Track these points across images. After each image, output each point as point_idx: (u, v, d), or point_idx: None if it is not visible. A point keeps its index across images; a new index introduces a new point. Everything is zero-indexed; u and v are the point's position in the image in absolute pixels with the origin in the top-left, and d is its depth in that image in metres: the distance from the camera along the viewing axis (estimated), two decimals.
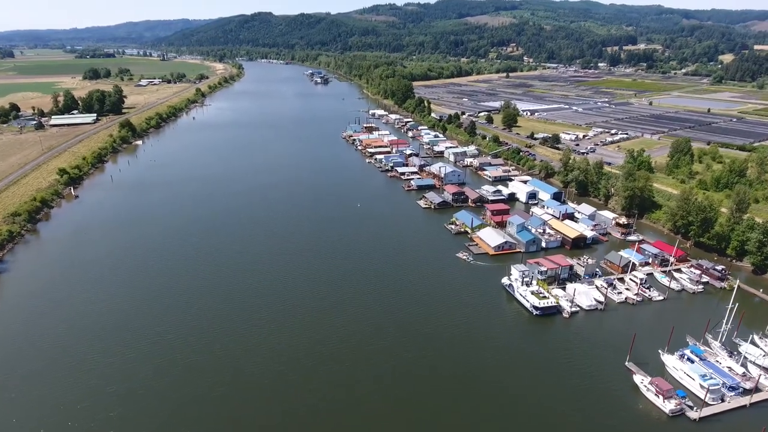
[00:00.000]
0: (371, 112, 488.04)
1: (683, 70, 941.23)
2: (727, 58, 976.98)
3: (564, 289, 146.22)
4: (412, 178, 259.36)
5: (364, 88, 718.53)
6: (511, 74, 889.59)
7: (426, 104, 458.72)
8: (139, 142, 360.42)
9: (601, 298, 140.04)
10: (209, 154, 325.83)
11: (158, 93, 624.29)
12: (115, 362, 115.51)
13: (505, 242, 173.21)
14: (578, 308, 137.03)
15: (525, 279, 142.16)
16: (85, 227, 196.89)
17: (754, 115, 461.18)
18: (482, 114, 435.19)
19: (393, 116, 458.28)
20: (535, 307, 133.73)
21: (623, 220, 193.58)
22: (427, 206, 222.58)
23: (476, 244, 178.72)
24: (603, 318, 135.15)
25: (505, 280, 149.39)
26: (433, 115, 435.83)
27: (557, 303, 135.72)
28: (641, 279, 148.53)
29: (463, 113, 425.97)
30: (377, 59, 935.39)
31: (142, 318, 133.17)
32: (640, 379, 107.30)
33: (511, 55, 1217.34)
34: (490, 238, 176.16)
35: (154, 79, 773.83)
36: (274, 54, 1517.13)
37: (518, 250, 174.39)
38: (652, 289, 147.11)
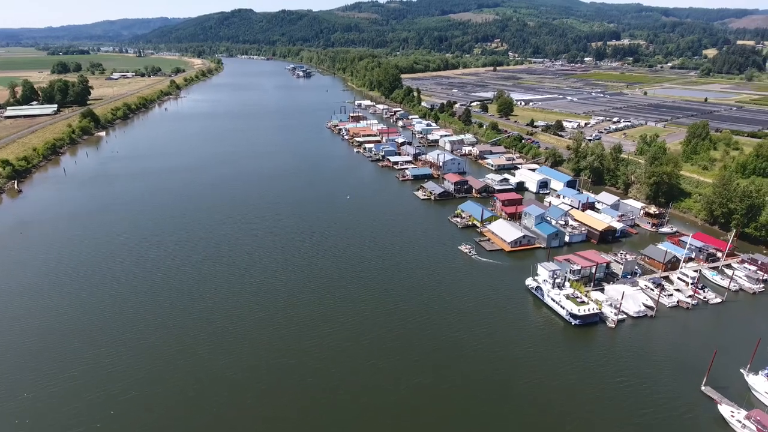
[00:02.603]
0: (357, 102, 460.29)
1: (669, 64, 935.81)
2: (711, 52, 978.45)
3: (602, 291, 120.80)
4: (407, 168, 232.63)
5: (348, 80, 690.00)
6: (498, 68, 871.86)
7: (416, 93, 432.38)
8: (103, 134, 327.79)
9: (651, 303, 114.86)
10: (181, 145, 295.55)
11: (130, 86, 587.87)
12: (29, 398, 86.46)
13: (523, 236, 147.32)
14: (624, 315, 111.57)
15: (556, 280, 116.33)
16: (23, 226, 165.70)
17: (751, 104, 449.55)
18: (475, 103, 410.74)
19: (380, 106, 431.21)
20: (573, 315, 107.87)
21: (653, 209, 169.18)
22: (426, 197, 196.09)
23: (488, 239, 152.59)
24: (656, 327, 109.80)
25: (529, 282, 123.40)
26: (423, 104, 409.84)
27: (600, 309, 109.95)
28: (693, 278, 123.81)
29: (454, 103, 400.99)
30: (362, 54, 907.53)
31: (75, 338, 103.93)
32: (729, 411, 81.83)
33: (496, 51, 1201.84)
34: (505, 231, 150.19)
35: (127, 72, 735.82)
36: (254, 50, 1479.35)
37: (538, 245, 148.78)
38: (706, 289, 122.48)
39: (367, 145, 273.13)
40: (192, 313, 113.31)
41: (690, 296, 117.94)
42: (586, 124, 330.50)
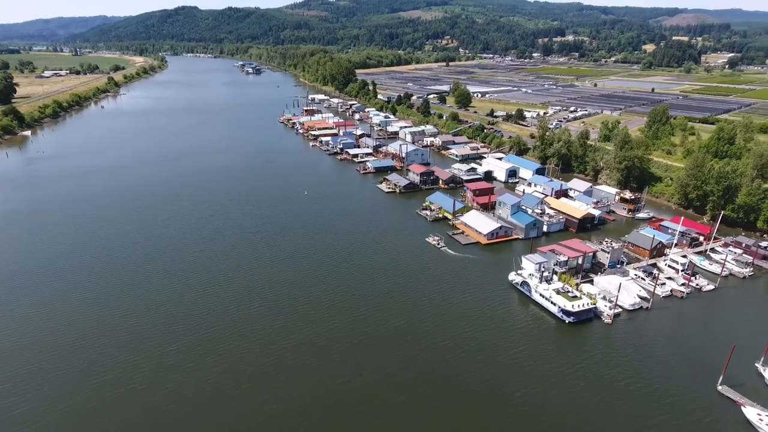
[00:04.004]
0: (311, 97, 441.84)
1: (613, 58, 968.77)
2: (650, 47, 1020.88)
3: (591, 283, 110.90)
4: (368, 160, 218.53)
5: (300, 76, 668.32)
6: (450, 63, 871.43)
7: (371, 86, 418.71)
8: (28, 133, 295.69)
9: (644, 293, 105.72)
10: (118, 144, 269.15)
11: (63, 84, 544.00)
12: None
13: (500, 227, 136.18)
14: (619, 309, 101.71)
15: (544, 273, 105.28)
16: None
17: (694, 93, 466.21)
18: (432, 96, 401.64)
19: (335, 100, 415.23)
20: (567, 312, 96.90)
21: (628, 194, 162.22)
22: (390, 190, 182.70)
23: (462, 232, 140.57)
24: (654, 320, 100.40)
25: (513, 277, 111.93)
26: (380, 97, 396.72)
27: (595, 304, 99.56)
28: (684, 264, 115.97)
29: (411, 95, 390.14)
30: (313, 50, 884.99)
31: None
32: (756, 414, 72.36)
33: (447, 47, 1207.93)
34: (480, 223, 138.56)
35: (61, 70, 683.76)
36: (201, 48, 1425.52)
37: (516, 236, 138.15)
38: (698, 276, 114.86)
39: (324, 139, 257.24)
40: (119, 331, 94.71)
41: (683, 284, 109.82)
42: (544, 113, 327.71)
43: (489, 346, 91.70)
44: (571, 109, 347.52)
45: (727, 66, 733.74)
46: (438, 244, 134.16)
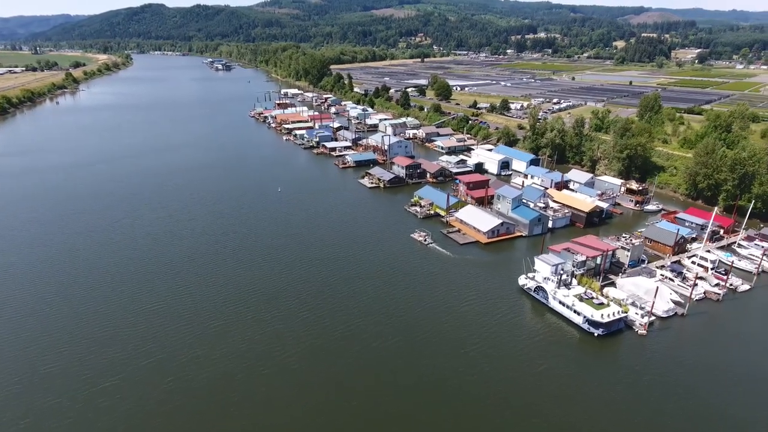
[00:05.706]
0: (283, 91, 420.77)
1: (585, 54, 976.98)
2: (620, 44, 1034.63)
3: (614, 286, 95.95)
4: (347, 154, 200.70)
5: (272, 72, 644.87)
6: (425, 59, 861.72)
7: (347, 80, 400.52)
8: None
9: (677, 297, 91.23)
10: (73, 141, 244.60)
11: (17, 80, 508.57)
12: None
13: (501, 224, 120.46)
14: (652, 316, 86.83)
15: (562, 277, 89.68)
16: None
17: (671, 86, 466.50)
18: (411, 89, 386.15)
19: (309, 94, 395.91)
20: (594, 323, 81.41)
21: (635, 185, 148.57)
22: (374, 185, 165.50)
23: (458, 230, 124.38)
24: (693, 329, 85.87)
25: (524, 281, 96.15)
26: (356, 90, 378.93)
27: (626, 312, 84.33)
28: (714, 262, 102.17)
29: (389, 88, 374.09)
30: (285, 45, 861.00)
31: None
32: None
33: (421, 44, 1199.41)
34: (479, 219, 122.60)
35: (16, 67, 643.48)
36: (169, 46, 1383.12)
37: (519, 233, 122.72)
38: (730, 275, 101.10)
39: (299, 132, 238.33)
40: (43, 364, 75.29)
41: (716, 285, 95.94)
42: (528, 105, 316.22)
43: (503, 365, 75.80)
44: (554, 100, 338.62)
45: (696, 61, 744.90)
46: (425, 240, 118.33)
